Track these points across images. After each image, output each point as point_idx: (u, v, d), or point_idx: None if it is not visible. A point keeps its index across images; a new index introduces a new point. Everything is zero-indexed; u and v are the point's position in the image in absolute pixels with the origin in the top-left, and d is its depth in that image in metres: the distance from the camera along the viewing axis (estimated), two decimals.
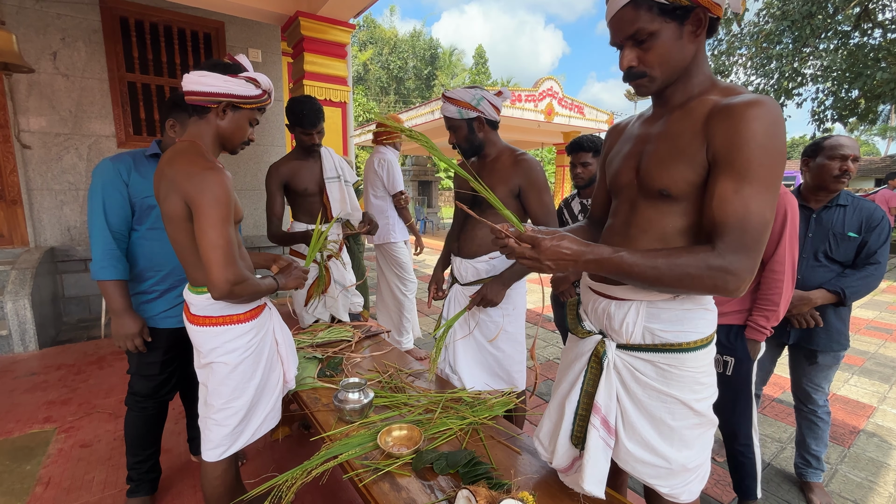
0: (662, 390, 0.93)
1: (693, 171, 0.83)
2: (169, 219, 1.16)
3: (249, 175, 4.88)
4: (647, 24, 0.81)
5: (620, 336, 0.97)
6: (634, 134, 1.00)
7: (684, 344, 0.91)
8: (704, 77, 0.88)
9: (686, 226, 0.88)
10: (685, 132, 0.85)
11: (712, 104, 0.83)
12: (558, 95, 9.94)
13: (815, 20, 9.99)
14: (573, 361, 1.07)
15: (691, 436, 0.94)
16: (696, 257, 0.79)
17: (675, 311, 0.91)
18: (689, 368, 0.92)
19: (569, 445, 1.03)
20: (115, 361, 3.12)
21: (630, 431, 0.97)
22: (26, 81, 3.71)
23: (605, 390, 0.97)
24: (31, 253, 3.64)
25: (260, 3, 3.42)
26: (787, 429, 2.40)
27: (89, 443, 2.13)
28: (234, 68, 1.19)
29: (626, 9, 0.82)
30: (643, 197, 0.93)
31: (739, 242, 0.77)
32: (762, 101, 0.76)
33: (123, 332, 1.49)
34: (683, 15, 0.81)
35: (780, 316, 1.52)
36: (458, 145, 1.69)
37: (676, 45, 0.83)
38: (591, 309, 1.05)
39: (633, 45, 0.85)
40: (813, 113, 11.39)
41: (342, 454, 1.21)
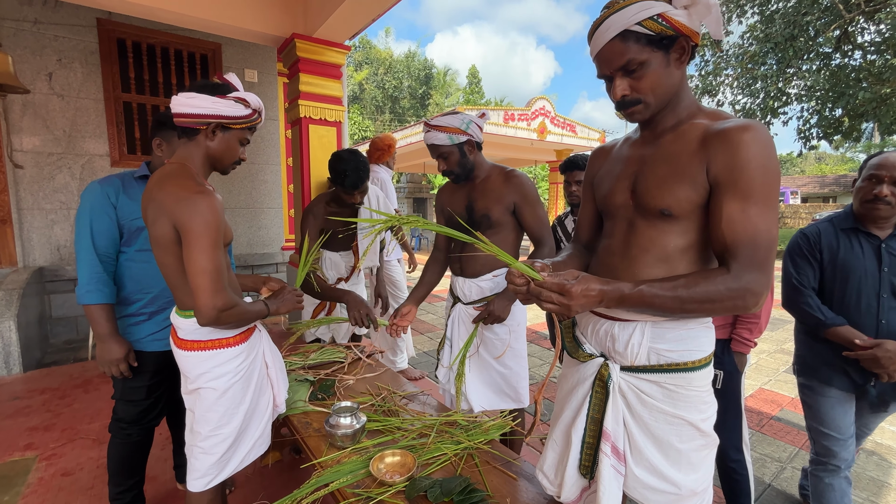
0: (670, 412, 0.91)
1: (695, 191, 0.86)
2: (157, 242, 1.14)
3: (244, 194, 4.88)
4: (637, 55, 0.84)
5: (625, 358, 0.95)
6: (624, 156, 1.02)
7: (689, 363, 0.91)
8: (690, 101, 0.93)
9: (687, 244, 0.90)
10: (682, 154, 0.88)
11: (704, 128, 0.87)
12: (551, 114, 10.13)
13: (797, 42, 10.33)
14: (575, 387, 1.03)
15: (698, 458, 0.93)
16: (715, 281, 0.81)
17: (680, 330, 0.92)
18: (695, 388, 0.92)
19: (577, 476, 1.00)
20: (101, 385, 3.04)
21: (638, 457, 0.94)
22: (20, 101, 3.72)
23: (613, 415, 0.95)
24: (18, 273, 3.58)
25: (256, 26, 3.47)
26: (786, 448, 2.37)
27: (71, 471, 2.06)
28: (223, 89, 1.18)
29: (614, 42, 0.86)
30: (641, 217, 0.94)
31: (753, 260, 0.80)
32: (754, 125, 0.80)
33: (109, 357, 1.45)
34: (669, 44, 0.84)
35: (763, 328, 1.56)
36: (451, 172, 1.67)
37: (665, 72, 0.86)
38: (592, 331, 1.02)
39: (623, 75, 0.88)
40: (799, 131, 11.67)
41: (333, 482, 1.17)
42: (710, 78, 12.44)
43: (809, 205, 19.58)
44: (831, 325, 1.47)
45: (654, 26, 0.82)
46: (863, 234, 1.49)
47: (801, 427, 2.60)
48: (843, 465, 1.52)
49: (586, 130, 11.09)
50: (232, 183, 4.77)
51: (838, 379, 1.51)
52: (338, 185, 2.05)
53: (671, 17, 0.81)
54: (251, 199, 4.93)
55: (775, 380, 3.35)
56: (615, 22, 0.84)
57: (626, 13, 0.83)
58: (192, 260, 1.06)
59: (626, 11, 0.83)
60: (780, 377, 3.41)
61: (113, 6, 3.04)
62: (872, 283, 1.45)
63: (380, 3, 3.10)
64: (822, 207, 18.48)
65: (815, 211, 17.84)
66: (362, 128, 25.46)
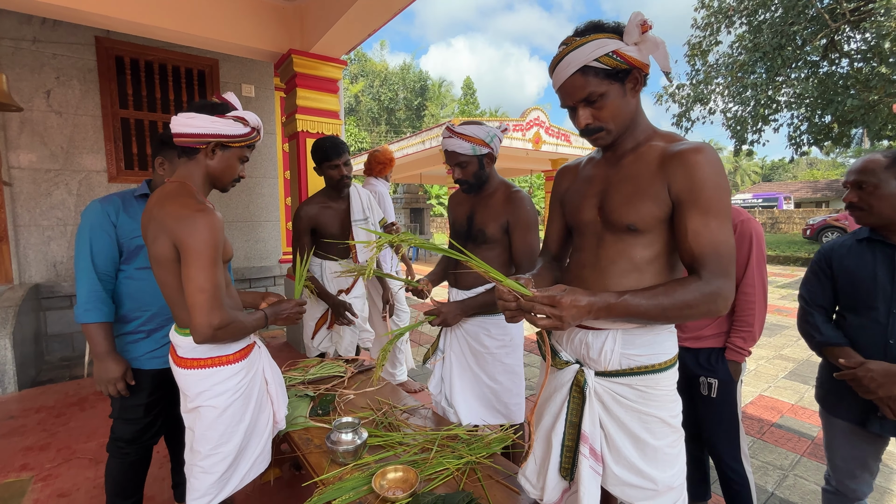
0: (643, 410, 0.99)
1: (657, 207, 0.95)
2: (157, 261, 1.15)
3: (241, 207, 4.89)
4: (596, 88, 0.94)
5: (599, 364, 1.03)
6: (590, 175, 1.10)
7: (657, 365, 1.00)
8: (646, 125, 1.02)
9: (653, 255, 0.99)
10: (643, 174, 0.97)
11: (661, 150, 0.97)
12: (545, 124, 10.23)
13: (785, 51, 10.53)
14: (553, 393, 1.10)
15: (672, 454, 1.01)
16: (689, 289, 0.89)
17: (647, 336, 1.00)
18: (663, 387, 1.01)
19: (558, 478, 1.06)
20: (98, 403, 3.01)
21: (616, 455, 1.01)
22: (18, 119, 3.73)
23: (590, 418, 1.02)
24: (14, 290, 3.55)
25: (254, 42, 3.52)
26: (788, 455, 2.37)
27: (67, 492, 2.03)
28: (222, 108, 1.19)
29: (575, 76, 0.94)
30: (610, 232, 1.02)
31: (719, 267, 0.89)
32: (704, 147, 0.92)
33: (106, 376, 1.44)
34: (624, 76, 0.94)
35: (756, 336, 1.56)
36: (465, 181, 1.67)
37: (622, 101, 0.96)
38: (567, 340, 1.10)
39: (585, 105, 0.97)
40: (790, 137, 11.84)
41: (335, 500, 1.17)
42: (701, 87, 12.63)
43: (803, 210, 19.71)
44: (825, 343, 1.35)
45: (609, 62, 0.91)
46: (878, 244, 1.30)
47: (803, 434, 2.60)
48: (852, 496, 1.41)
49: (580, 139, 11.20)
50: (230, 197, 4.78)
51: (843, 408, 1.37)
52: (324, 161, 2.13)
53: (624, 52, 0.91)
54: (248, 212, 4.94)
55: (775, 386, 3.35)
56: (575, 58, 0.92)
57: (584, 50, 0.91)
58: (190, 278, 1.07)
59: (585, 49, 0.91)
60: (780, 383, 3.41)
61: (111, 25, 3.08)
62: (884, 296, 1.26)
63: (376, 18, 3.16)
64: (816, 212, 18.63)
65: (809, 216, 17.98)
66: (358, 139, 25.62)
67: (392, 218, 3.12)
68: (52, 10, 2.84)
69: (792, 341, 4.48)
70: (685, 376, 1.70)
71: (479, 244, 1.70)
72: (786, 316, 5.53)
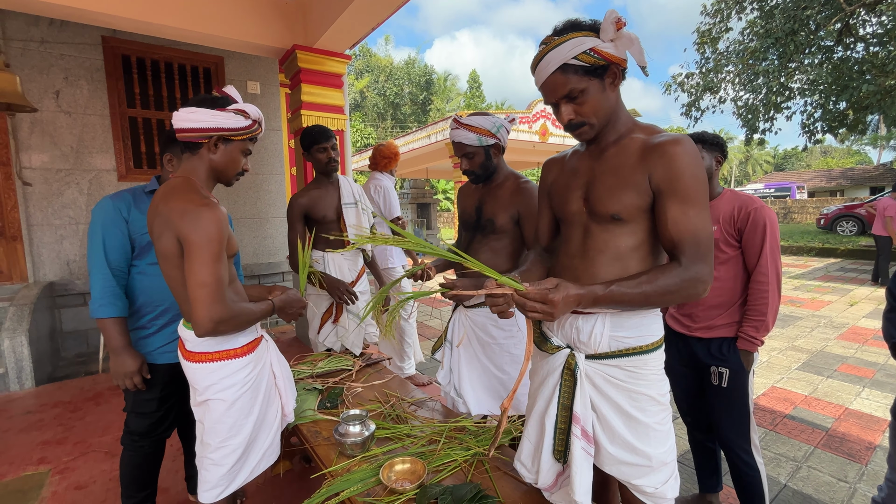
0: (633, 389, 1.03)
1: (639, 197, 0.99)
2: (163, 256, 1.16)
3: (248, 204, 4.92)
4: (577, 84, 0.97)
5: (589, 347, 1.06)
6: (574, 167, 1.13)
7: (644, 346, 1.04)
8: (627, 118, 1.06)
9: (636, 243, 1.03)
10: (625, 166, 1.00)
11: (642, 142, 1.00)
12: (552, 116, 10.13)
13: (798, 37, 10.27)
14: (546, 378, 1.12)
15: (663, 430, 1.04)
16: (671, 274, 0.94)
17: (634, 318, 1.04)
18: (650, 367, 1.04)
19: (552, 461, 1.09)
20: (112, 397, 3.07)
21: (610, 434, 1.05)
22: (29, 120, 3.78)
23: (581, 400, 1.05)
24: (29, 288, 3.62)
25: (258, 39, 3.52)
26: (801, 447, 2.34)
27: (84, 484, 2.07)
28: (222, 101, 1.19)
29: (555, 75, 0.98)
30: (595, 222, 1.06)
31: (697, 253, 0.94)
32: (682, 139, 0.96)
33: (123, 370, 1.46)
34: (602, 71, 0.98)
35: (770, 326, 1.52)
36: (472, 172, 1.69)
37: (602, 95, 1.00)
38: (558, 325, 1.12)
39: (567, 101, 1.01)
40: (803, 125, 11.58)
41: (344, 491, 1.17)
42: (710, 75, 12.39)
43: (817, 199, 19.31)
44: None
45: (587, 59, 0.95)
46: None
47: (817, 425, 2.57)
48: None
49: None
50: (237, 193, 4.81)
51: None
52: (312, 146, 2.22)
53: (601, 49, 0.94)
54: (256, 209, 4.97)
55: (788, 377, 3.31)
56: (554, 57, 0.96)
57: (562, 49, 0.95)
58: (193, 272, 1.07)
59: (563, 48, 0.95)
60: (793, 374, 3.36)
61: (117, 24, 3.10)
62: None
63: (379, 12, 3.13)
64: (830, 202, 18.25)
65: (823, 206, 17.62)
66: (364, 135, 25.62)
67: (397, 213, 3.12)
68: (59, 11, 2.86)
69: (805, 332, 4.41)
70: (696, 367, 1.69)
71: (487, 234, 1.71)
72: (799, 307, 5.45)
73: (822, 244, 10.75)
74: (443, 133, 9.64)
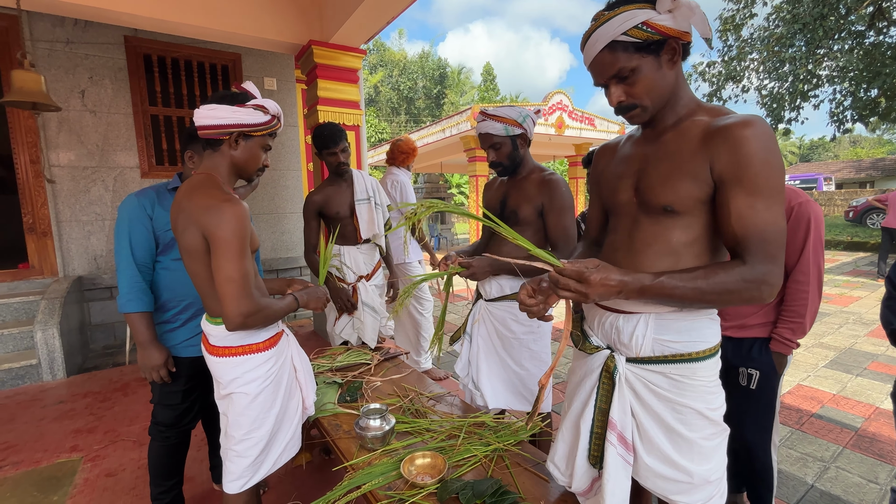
0: (676, 401, 0.94)
1: (697, 187, 0.88)
2: (187, 252, 1.18)
3: (266, 199, 4.99)
4: (626, 63, 0.88)
5: (630, 350, 0.98)
6: (627, 154, 1.04)
7: (694, 354, 0.94)
8: (689, 99, 0.95)
9: (691, 238, 0.92)
10: (683, 151, 0.90)
11: (705, 125, 0.89)
12: (568, 108, 9.98)
13: (828, 22, 9.85)
14: (583, 379, 1.06)
15: (709, 447, 0.94)
16: (731, 273, 0.83)
17: (683, 321, 0.94)
18: (700, 378, 0.94)
19: (587, 466, 1.03)
20: (139, 388, 3.17)
21: (648, 445, 0.96)
22: (56, 119, 3.90)
23: (619, 405, 0.97)
24: (59, 283, 3.75)
25: (275, 35, 3.54)
26: (829, 447, 2.27)
27: (114, 472, 2.15)
28: (242, 97, 1.20)
29: (603, 53, 0.90)
30: (645, 213, 0.97)
31: (765, 252, 0.83)
32: (754, 120, 0.83)
33: (150, 363, 1.51)
34: (658, 47, 0.87)
35: (807, 328, 1.45)
36: (500, 163, 1.68)
37: (658, 74, 0.89)
38: (598, 324, 1.05)
39: (617, 82, 0.92)
40: (832, 114, 11.14)
41: (365, 484, 1.19)
42: (733, 63, 12.00)
43: (845, 191, 18.59)
44: None
45: (639, 34, 0.85)
46: None
47: (846, 425, 2.49)
48: None
49: (605, 123, 10.88)
50: (255, 189, 4.87)
51: None
52: (322, 149, 2.22)
53: (655, 23, 0.84)
54: (274, 204, 5.04)
55: (815, 375, 3.21)
56: (602, 34, 0.88)
57: (610, 25, 0.86)
58: (220, 268, 1.09)
59: (611, 23, 0.86)
60: (821, 373, 3.26)
61: (139, 23, 3.15)
62: None
63: (394, 5, 3.12)
64: (859, 193, 17.56)
65: (852, 197, 16.96)
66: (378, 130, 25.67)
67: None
68: (83, 11, 2.93)
69: (833, 329, 4.27)
70: (723, 367, 1.64)
71: (510, 226, 1.70)
72: (826, 302, 5.28)
73: (850, 238, 10.38)
74: (457, 127, 9.59)
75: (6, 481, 2.08)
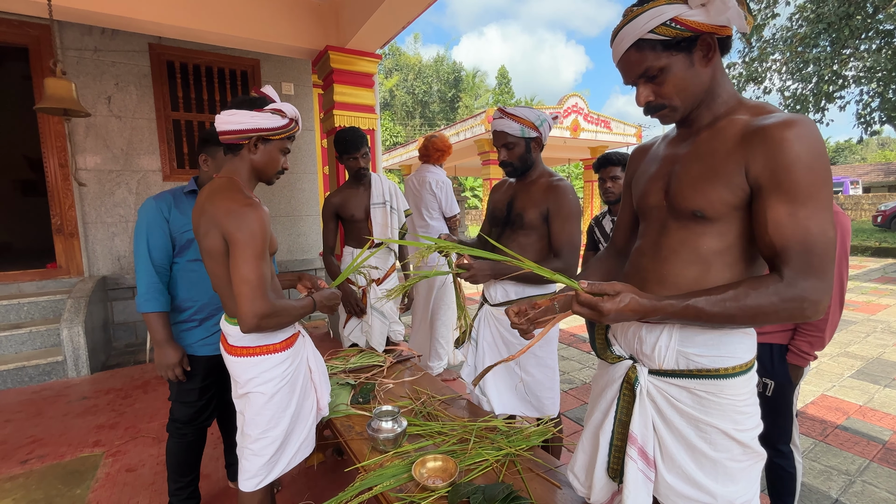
0: (700, 418, 0.87)
1: (730, 192, 0.81)
2: (208, 253, 1.20)
3: (283, 202, 5.07)
4: (654, 62, 0.83)
5: (652, 361, 0.92)
6: (660, 155, 0.99)
7: (721, 370, 0.86)
8: (729, 96, 0.88)
9: (723, 246, 0.85)
10: (717, 152, 0.84)
11: (743, 124, 0.82)
12: (583, 111, 9.90)
13: (854, 21, 9.57)
14: (604, 389, 1.02)
15: (736, 469, 0.87)
16: (766, 292, 0.76)
17: (711, 334, 0.87)
18: (728, 396, 0.86)
19: (606, 479, 0.99)
20: (159, 386, 3.24)
21: (669, 463, 0.90)
22: (84, 124, 4.04)
23: (640, 419, 0.92)
24: (85, 282, 3.88)
25: (293, 41, 3.61)
26: (854, 459, 2.19)
27: (134, 467, 2.20)
28: (260, 102, 1.22)
29: (630, 52, 0.85)
30: (674, 218, 0.91)
31: (807, 266, 0.74)
32: (799, 120, 0.75)
33: (166, 361, 1.55)
34: (690, 44, 0.82)
35: (826, 342, 1.40)
36: (510, 163, 1.67)
37: (690, 73, 0.84)
38: (621, 332, 1.01)
39: (645, 81, 0.87)
40: (858, 116, 10.80)
41: (377, 486, 1.19)
42: (755, 64, 11.74)
43: (873, 195, 17.98)
44: None
45: (668, 31, 0.80)
46: None
47: (872, 437, 2.40)
48: None
49: (621, 126, 10.75)
50: (272, 192, 4.97)
51: None
52: (343, 153, 2.25)
53: (686, 19, 0.79)
54: (290, 207, 5.12)
55: (840, 385, 3.10)
56: (628, 33, 0.84)
57: (637, 23, 0.82)
58: (237, 269, 1.11)
59: (638, 21, 0.82)
60: (846, 383, 3.15)
61: (163, 31, 3.26)
62: None
63: (409, 10, 3.15)
64: (888, 197, 16.95)
65: (880, 201, 16.39)
66: (393, 133, 25.86)
67: (456, 210, 3.07)
68: (111, 20, 3.04)
69: (860, 338, 4.13)
70: None
71: (516, 229, 1.70)
72: (853, 310, 5.10)
73: (878, 243, 10.01)
74: (471, 130, 9.61)
75: (33, 474, 2.15)
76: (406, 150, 13.80)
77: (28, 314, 3.67)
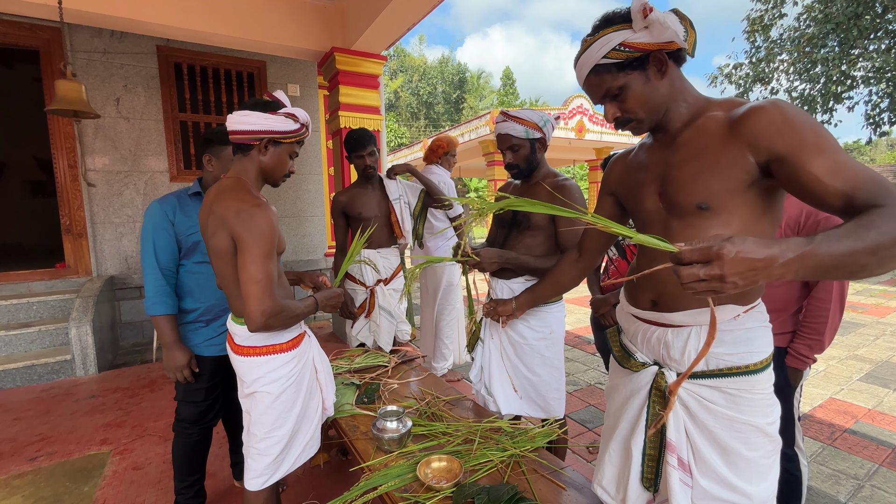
0: (736, 417, 0.89)
1: (734, 178, 0.84)
2: (216, 253, 1.22)
3: (289, 203, 5.10)
4: (612, 83, 0.92)
5: (682, 365, 0.94)
6: (643, 162, 1.03)
7: (752, 365, 0.89)
8: (695, 98, 0.94)
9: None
10: (710, 146, 0.87)
11: (724, 117, 0.87)
12: (588, 112, 9.89)
13: (863, 21, 9.47)
14: (630, 398, 1.02)
15: (766, 465, 0.90)
16: (887, 216, 0.65)
17: (738, 331, 0.89)
18: (759, 391, 0.89)
19: (641, 489, 0.99)
20: (165, 385, 3.27)
21: (703, 468, 0.91)
22: (93, 125, 4.08)
23: (674, 425, 0.93)
24: (93, 282, 3.92)
25: (299, 43, 3.63)
26: (863, 464, 2.16)
27: (141, 465, 2.22)
28: (274, 105, 1.24)
29: (590, 77, 0.94)
30: (676, 217, 0.93)
31: (887, 191, 0.68)
32: (776, 99, 0.82)
33: (174, 363, 1.56)
34: (642, 63, 0.89)
35: (825, 346, 1.40)
36: (516, 165, 1.68)
37: (647, 87, 0.91)
38: (643, 339, 1.01)
39: (610, 100, 0.95)
40: (867, 116, 10.68)
41: (381, 485, 1.20)
42: (762, 65, 11.66)
43: None
44: None
45: (619, 55, 0.88)
46: None
47: (882, 441, 2.37)
48: None
49: None
50: (277, 192, 4.99)
51: None
52: (351, 152, 2.30)
53: (633, 42, 0.87)
54: (295, 207, 5.15)
55: (848, 389, 3.07)
56: (585, 61, 0.93)
57: (591, 52, 0.91)
58: (245, 269, 1.12)
59: (591, 50, 0.91)
60: (854, 386, 3.12)
61: (171, 33, 3.29)
62: None
63: (415, 12, 3.16)
64: None
65: None
66: (398, 135, 25.93)
67: (459, 209, 3.09)
68: (121, 23, 3.07)
69: (869, 340, 4.08)
70: None
71: (522, 231, 1.71)
72: (861, 313, 5.05)
73: None
74: (476, 131, 9.61)
75: (41, 472, 2.17)
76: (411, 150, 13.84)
77: (37, 313, 3.71)
